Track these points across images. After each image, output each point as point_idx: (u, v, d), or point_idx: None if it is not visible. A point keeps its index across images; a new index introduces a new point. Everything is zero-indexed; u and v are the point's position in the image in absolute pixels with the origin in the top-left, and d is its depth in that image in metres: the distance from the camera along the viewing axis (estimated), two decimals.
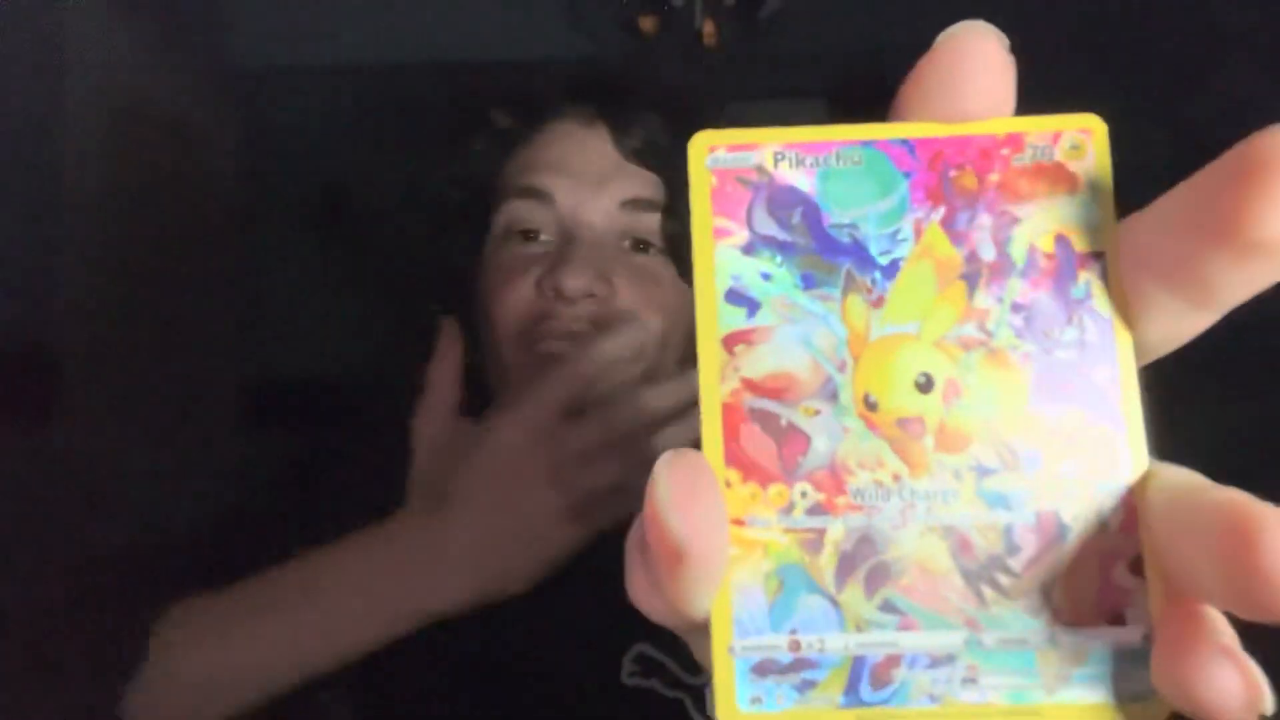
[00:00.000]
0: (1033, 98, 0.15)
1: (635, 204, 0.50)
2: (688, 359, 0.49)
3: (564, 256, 0.48)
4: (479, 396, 0.53)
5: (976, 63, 0.15)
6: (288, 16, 0.88)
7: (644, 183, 0.50)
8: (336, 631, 0.42)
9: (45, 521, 0.47)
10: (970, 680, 0.14)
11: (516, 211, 0.51)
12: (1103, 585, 0.14)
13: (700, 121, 0.16)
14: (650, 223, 0.50)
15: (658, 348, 0.50)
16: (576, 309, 0.48)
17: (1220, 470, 0.14)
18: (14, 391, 0.67)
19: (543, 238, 0.51)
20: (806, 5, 0.86)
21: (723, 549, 0.14)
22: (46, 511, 0.46)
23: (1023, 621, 0.14)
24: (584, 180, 0.50)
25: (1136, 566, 0.14)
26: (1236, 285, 0.13)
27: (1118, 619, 0.14)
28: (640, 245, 0.51)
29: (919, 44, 0.16)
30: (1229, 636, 0.13)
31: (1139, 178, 0.17)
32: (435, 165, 0.59)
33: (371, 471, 0.58)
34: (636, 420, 0.42)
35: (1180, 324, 0.14)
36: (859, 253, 0.15)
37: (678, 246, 0.50)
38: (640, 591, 0.15)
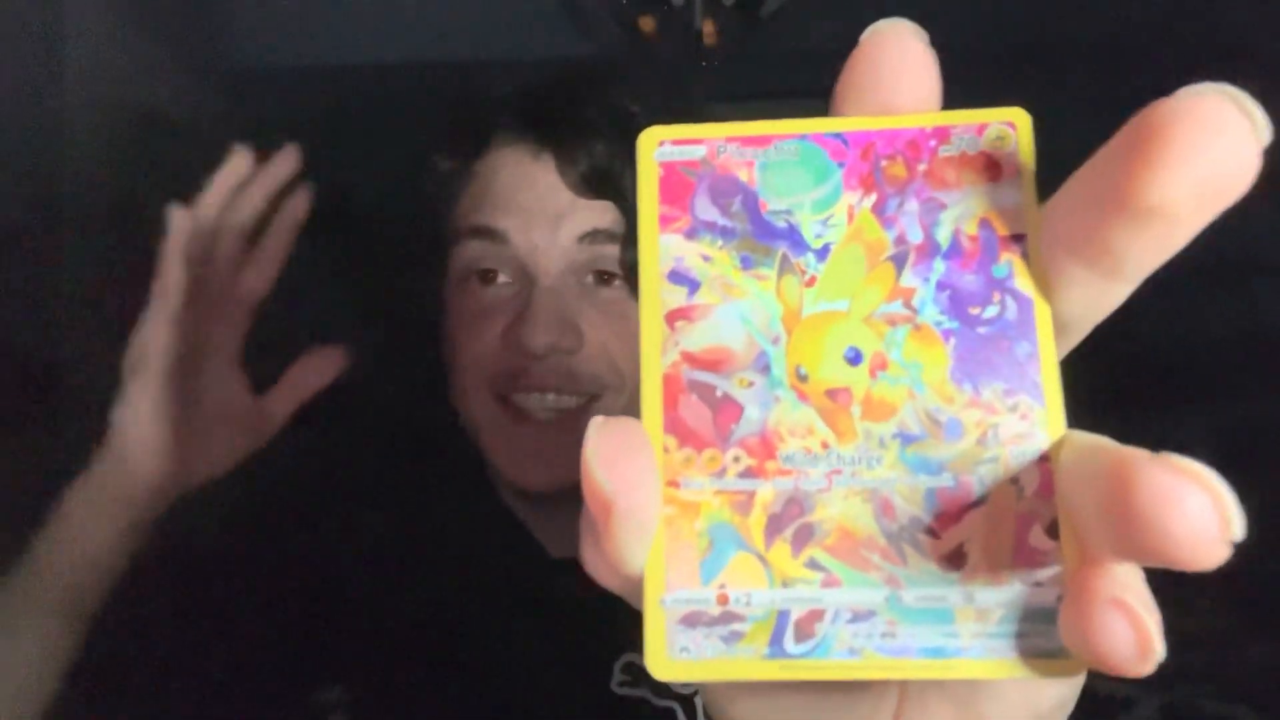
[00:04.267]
0: (1046, 98, 0.16)
1: (594, 236, 0.48)
2: None
3: (527, 309, 0.47)
4: (451, 436, 0.53)
5: (897, 58, 0.16)
6: (287, 16, 0.88)
7: (600, 214, 0.48)
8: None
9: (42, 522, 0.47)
10: (890, 634, 0.15)
11: (472, 252, 0.50)
12: (1019, 547, 0.15)
13: None
14: (610, 254, 0.49)
15: (635, 381, 0.49)
16: (546, 363, 0.48)
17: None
18: (14, 391, 0.67)
19: (501, 279, 0.50)
20: (806, 5, 0.86)
21: (652, 504, 0.15)
22: (44, 511, 0.46)
23: (941, 580, 0.15)
24: (537, 218, 0.48)
25: (1053, 530, 0.15)
26: (1142, 253, 0.14)
27: (1033, 580, 0.14)
28: (603, 277, 0.50)
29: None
30: (1128, 590, 0.13)
31: None
32: (405, 188, 0.58)
33: (369, 469, 0.58)
34: None
35: (1097, 297, 0.15)
36: (794, 236, 0.16)
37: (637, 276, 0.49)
38: (588, 555, 0.16)
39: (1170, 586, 0.14)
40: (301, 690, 0.50)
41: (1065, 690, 0.17)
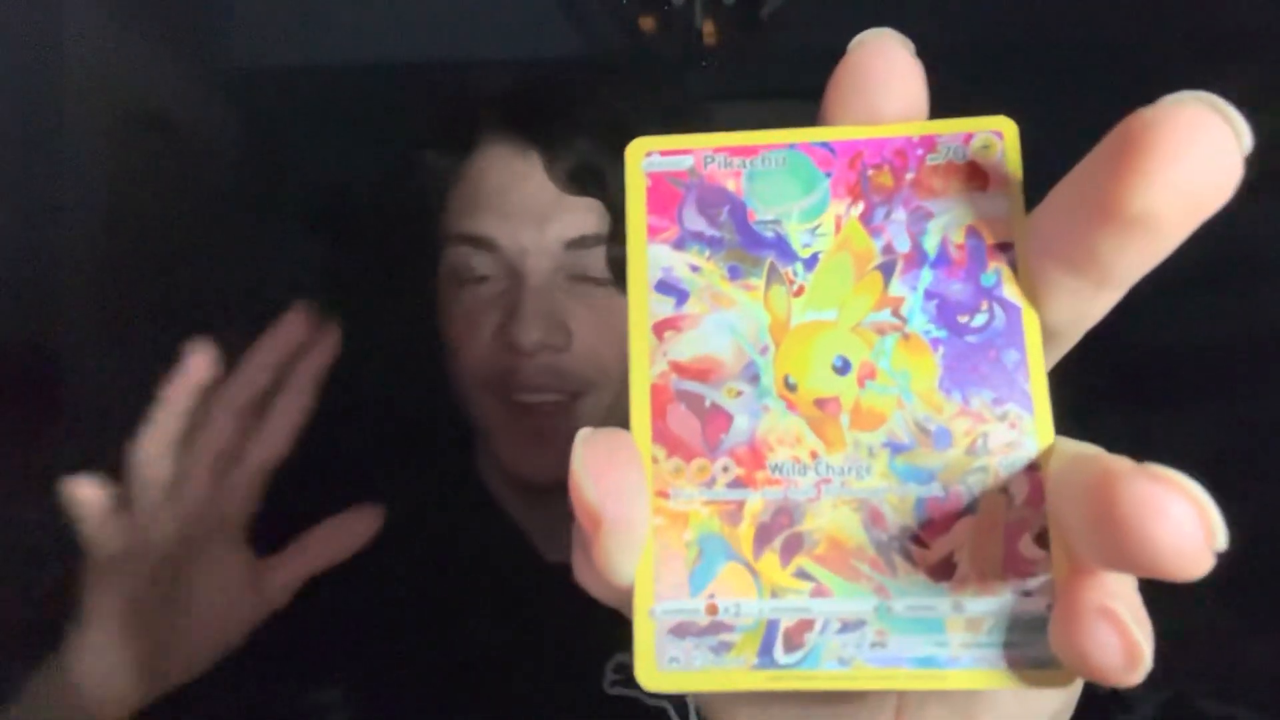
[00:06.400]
0: (1043, 97, 0.16)
1: (580, 243, 0.49)
2: None
3: (516, 307, 0.48)
4: (446, 439, 0.53)
5: (883, 67, 0.16)
6: (288, 16, 0.88)
7: (585, 216, 0.49)
8: None
9: (43, 522, 0.47)
10: (879, 645, 0.15)
11: (461, 256, 0.50)
12: (1009, 556, 0.14)
13: (632, 137, 0.17)
14: (597, 257, 0.49)
15: (621, 380, 0.50)
16: (536, 362, 0.48)
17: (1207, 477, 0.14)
18: (14, 391, 0.67)
19: (491, 279, 0.50)
20: (806, 5, 0.86)
21: (641, 515, 0.15)
22: (45, 511, 0.46)
23: (931, 590, 0.15)
24: (525, 220, 0.49)
25: (1042, 539, 0.14)
26: (1129, 261, 0.14)
27: (1023, 589, 0.14)
28: (590, 278, 0.50)
29: (918, 44, 0.16)
30: (1117, 599, 0.13)
31: None
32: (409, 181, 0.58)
33: (369, 469, 0.58)
34: None
35: (1085, 304, 0.15)
36: (782, 246, 0.16)
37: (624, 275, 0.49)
38: (579, 566, 0.16)
39: (1170, 585, 0.14)
40: (298, 690, 0.50)
41: (1063, 699, 0.17)
